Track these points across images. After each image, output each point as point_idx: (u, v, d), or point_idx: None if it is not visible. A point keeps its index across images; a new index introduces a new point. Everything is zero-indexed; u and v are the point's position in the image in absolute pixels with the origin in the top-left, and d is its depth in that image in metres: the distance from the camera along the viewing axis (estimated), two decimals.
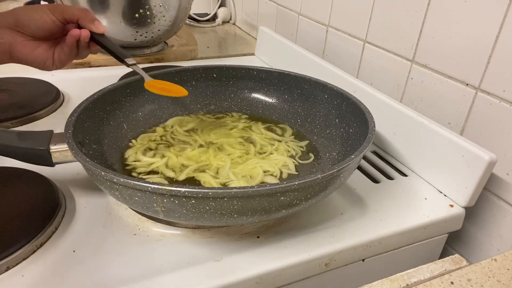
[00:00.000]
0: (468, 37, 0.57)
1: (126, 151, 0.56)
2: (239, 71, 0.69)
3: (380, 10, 0.72)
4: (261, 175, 0.52)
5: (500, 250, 0.57)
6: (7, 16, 0.53)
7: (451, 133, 0.55)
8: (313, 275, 0.47)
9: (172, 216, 0.40)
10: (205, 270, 0.42)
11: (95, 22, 0.58)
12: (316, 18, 0.91)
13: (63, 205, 0.49)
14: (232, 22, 1.40)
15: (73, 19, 0.57)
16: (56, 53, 0.58)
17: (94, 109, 0.54)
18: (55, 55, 0.58)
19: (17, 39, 0.54)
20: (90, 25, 0.58)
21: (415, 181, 0.59)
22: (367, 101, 0.58)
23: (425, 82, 0.65)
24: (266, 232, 0.48)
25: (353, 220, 0.51)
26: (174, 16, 0.93)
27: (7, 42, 0.54)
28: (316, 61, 0.80)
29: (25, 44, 0.55)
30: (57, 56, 0.58)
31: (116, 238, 0.46)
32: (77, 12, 0.57)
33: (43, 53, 0.56)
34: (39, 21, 0.54)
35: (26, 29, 0.54)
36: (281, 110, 0.68)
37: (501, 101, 0.54)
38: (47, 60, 0.57)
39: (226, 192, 0.37)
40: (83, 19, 0.57)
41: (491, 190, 0.56)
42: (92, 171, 0.41)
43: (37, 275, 0.41)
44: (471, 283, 0.37)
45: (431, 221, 0.52)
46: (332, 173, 0.41)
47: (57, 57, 0.58)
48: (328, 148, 0.59)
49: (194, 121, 0.65)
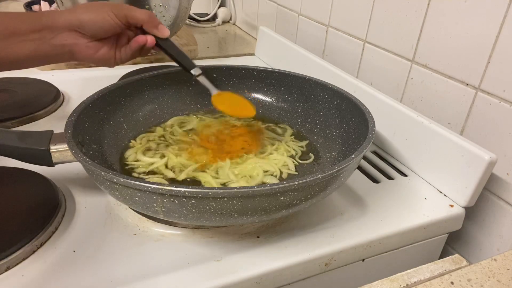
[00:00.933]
0: (468, 37, 0.57)
1: (126, 151, 0.56)
2: (239, 71, 0.69)
3: (380, 10, 0.72)
4: (261, 175, 0.52)
5: (500, 250, 0.57)
6: (70, 17, 0.52)
7: (451, 133, 0.55)
8: (313, 275, 0.47)
9: (172, 216, 0.40)
10: (205, 270, 0.42)
11: (159, 26, 0.57)
12: (316, 18, 0.91)
13: (63, 205, 0.49)
14: (232, 22, 1.40)
15: (138, 24, 0.56)
16: (118, 53, 0.57)
17: (94, 109, 0.54)
18: (117, 54, 0.57)
19: (81, 41, 0.53)
20: (154, 30, 0.57)
21: (415, 181, 0.59)
22: (367, 101, 0.58)
23: (425, 82, 0.65)
24: (266, 232, 0.48)
25: (353, 220, 0.51)
26: (174, 16, 0.93)
27: (70, 44, 0.53)
28: (316, 61, 0.80)
29: (88, 46, 0.54)
30: (119, 56, 0.58)
31: (116, 238, 0.46)
32: (142, 17, 0.55)
33: (105, 54, 0.56)
34: (103, 25, 0.53)
35: (89, 32, 0.53)
36: (281, 110, 0.68)
37: (501, 101, 0.54)
38: (110, 60, 0.57)
39: (226, 192, 0.37)
40: (147, 24, 0.56)
41: (491, 190, 0.56)
42: (92, 171, 0.41)
43: (37, 275, 0.41)
44: (471, 283, 0.37)
45: (431, 221, 0.52)
46: (332, 173, 0.41)
47: (119, 56, 0.58)
48: (328, 148, 0.59)
49: (194, 121, 0.65)
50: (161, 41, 0.58)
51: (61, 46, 0.52)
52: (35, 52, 0.51)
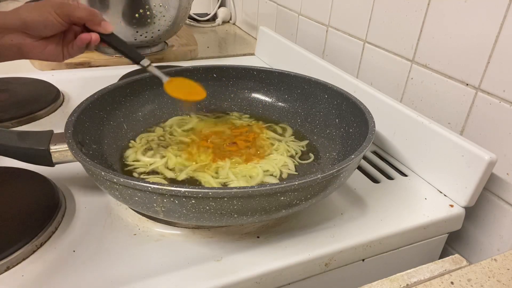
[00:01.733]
0: (468, 37, 0.57)
1: (126, 151, 0.56)
2: (239, 71, 0.69)
3: (380, 10, 0.72)
4: (261, 175, 0.52)
5: (500, 250, 0.57)
6: (13, 18, 0.53)
7: (451, 133, 0.55)
8: (313, 275, 0.47)
9: (172, 216, 0.40)
10: (205, 270, 0.42)
11: (102, 23, 0.57)
12: (316, 18, 0.91)
13: (63, 205, 0.49)
14: (232, 22, 1.40)
15: (80, 23, 0.56)
16: (66, 49, 0.58)
17: (94, 109, 0.54)
18: (64, 51, 0.58)
19: (26, 41, 0.54)
20: (97, 27, 0.57)
21: (415, 181, 0.59)
22: (367, 101, 0.58)
23: (425, 82, 0.65)
24: (266, 232, 0.48)
25: (353, 220, 0.51)
26: (174, 16, 0.93)
27: (17, 43, 0.54)
28: (316, 61, 0.80)
29: (34, 45, 0.55)
30: (67, 52, 0.58)
31: (116, 238, 0.46)
32: (84, 15, 0.55)
33: (53, 51, 0.57)
34: (46, 25, 0.53)
35: (33, 31, 0.54)
36: (281, 110, 0.68)
37: (501, 101, 0.54)
38: (58, 56, 0.58)
39: (226, 192, 0.37)
40: (90, 22, 0.56)
41: (491, 190, 0.56)
42: (92, 171, 0.41)
43: (37, 275, 0.41)
44: (471, 283, 0.37)
45: (431, 221, 0.52)
46: (332, 173, 0.41)
47: (67, 52, 0.58)
48: (328, 148, 0.59)
49: (194, 121, 0.65)
50: (106, 36, 0.58)
51: (8, 46, 0.53)
52: None
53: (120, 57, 0.94)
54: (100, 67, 0.92)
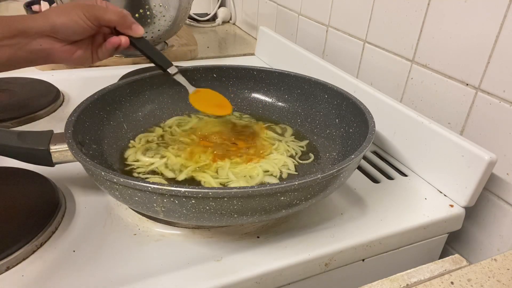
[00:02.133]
0: (468, 37, 0.57)
1: (126, 151, 0.56)
2: (239, 71, 0.69)
3: (380, 10, 0.72)
4: (261, 175, 0.52)
5: (500, 250, 0.57)
6: (42, 22, 0.51)
7: (451, 133, 0.55)
8: (313, 275, 0.47)
9: (172, 216, 0.40)
10: (205, 270, 0.42)
11: (133, 26, 0.56)
12: (316, 18, 0.91)
13: (63, 205, 0.49)
14: (232, 22, 1.40)
15: (110, 26, 0.55)
16: (95, 53, 0.58)
17: (94, 109, 0.54)
18: (93, 55, 0.57)
19: (56, 46, 0.53)
20: (128, 31, 0.56)
21: (415, 181, 0.59)
22: (367, 101, 0.58)
23: (425, 82, 0.65)
24: (266, 232, 0.48)
25: (353, 220, 0.51)
26: (174, 16, 0.93)
27: (46, 48, 0.53)
28: (316, 61, 0.80)
29: (63, 50, 0.54)
30: (96, 56, 0.58)
31: (116, 238, 0.46)
32: (114, 18, 0.54)
33: (82, 55, 0.56)
34: (75, 29, 0.53)
35: (62, 36, 0.53)
36: (281, 110, 0.68)
37: (501, 101, 0.54)
38: (87, 60, 0.57)
39: (226, 192, 0.37)
40: (120, 25, 0.56)
41: (491, 190, 0.56)
42: (92, 171, 0.41)
43: (37, 275, 0.41)
44: (471, 283, 0.37)
45: (431, 221, 0.52)
46: (332, 173, 0.41)
47: (96, 56, 0.58)
48: (328, 148, 0.59)
49: (194, 121, 0.65)
50: (136, 40, 0.58)
51: (37, 51, 0.52)
52: (12, 57, 0.51)
53: (120, 57, 0.94)
54: (100, 67, 0.92)
